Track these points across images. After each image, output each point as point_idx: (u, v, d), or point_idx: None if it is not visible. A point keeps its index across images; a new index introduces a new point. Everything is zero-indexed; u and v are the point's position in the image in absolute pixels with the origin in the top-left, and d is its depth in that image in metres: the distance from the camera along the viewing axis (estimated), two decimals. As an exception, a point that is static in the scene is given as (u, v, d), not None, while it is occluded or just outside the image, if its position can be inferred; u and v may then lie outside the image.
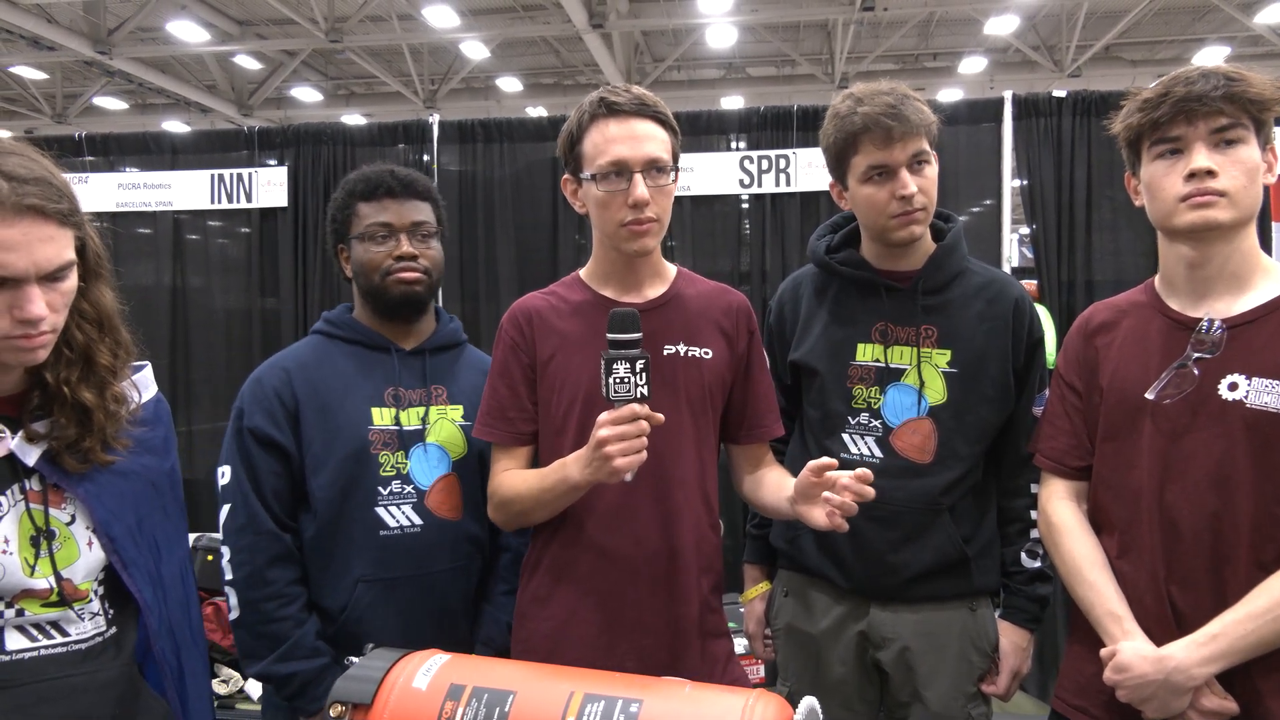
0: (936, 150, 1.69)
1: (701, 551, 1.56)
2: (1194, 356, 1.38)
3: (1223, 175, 1.33)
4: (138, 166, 4.37)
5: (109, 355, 1.26)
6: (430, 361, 1.77)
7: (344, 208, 1.75)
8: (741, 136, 3.99)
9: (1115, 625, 1.40)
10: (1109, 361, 1.49)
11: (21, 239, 1.09)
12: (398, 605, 1.65)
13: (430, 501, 1.68)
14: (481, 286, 4.14)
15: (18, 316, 1.10)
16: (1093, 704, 1.47)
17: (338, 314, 1.80)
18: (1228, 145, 1.35)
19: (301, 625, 1.61)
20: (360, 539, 1.64)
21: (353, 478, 1.64)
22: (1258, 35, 11.88)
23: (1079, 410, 1.54)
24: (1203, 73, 1.36)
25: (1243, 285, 1.39)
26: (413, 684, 1.08)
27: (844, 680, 1.76)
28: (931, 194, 1.67)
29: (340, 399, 1.67)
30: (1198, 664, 1.30)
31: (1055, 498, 1.56)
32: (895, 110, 1.61)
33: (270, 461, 1.64)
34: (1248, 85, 1.34)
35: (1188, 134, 1.36)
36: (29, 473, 1.19)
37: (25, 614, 1.17)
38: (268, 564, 1.60)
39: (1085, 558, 1.47)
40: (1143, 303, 1.50)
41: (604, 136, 1.48)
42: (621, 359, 1.30)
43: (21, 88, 14.26)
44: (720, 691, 1.07)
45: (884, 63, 13.25)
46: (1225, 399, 1.35)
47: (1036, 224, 3.75)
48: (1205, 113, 1.34)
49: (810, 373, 1.78)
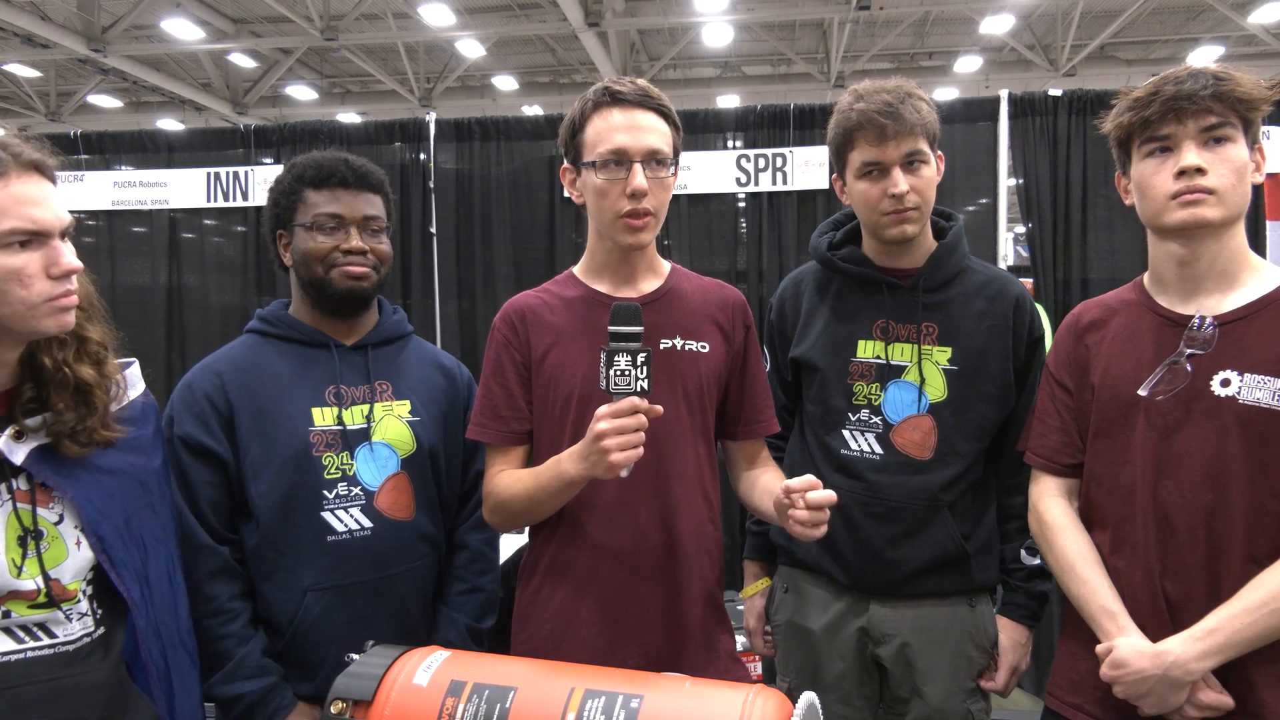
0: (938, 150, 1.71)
1: (701, 546, 1.56)
2: (1186, 353, 1.39)
3: (1212, 173, 1.35)
4: (133, 165, 4.37)
5: (99, 333, 1.27)
6: (373, 356, 1.68)
7: (290, 193, 1.65)
8: (738, 135, 3.99)
9: (1110, 621, 1.41)
10: (1100, 359, 1.50)
11: (40, 194, 1.12)
12: (350, 612, 1.58)
13: (380, 502, 1.61)
14: (478, 285, 4.14)
15: (55, 273, 1.12)
16: (1088, 700, 1.48)
17: (272, 311, 1.70)
18: (1217, 143, 1.36)
19: (245, 643, 1.52)
20: (307, 546, 1.55)
21: (295, 482, 1.55)
22: (1251, 35, 11.92)
23: (1069, 408, 1.55)
24: (1192, 73, 1.37)
25: (1232, 282, 1.41)
26: (413, 680, 1.08)
27: (843, 676, 1.76)
28: (927, 193, 1.68)
29: (278, 400, 1.59)
30: (1195, 659, 1.31)
31: (1047, 495, 1.56)
32: (891, 109, 1.62)
33: (204, 471, 1.54)
34: (1236, 85, 1.35)
35: (1177, 132, 1.37)
36: (16, 472, 1.18)
37: (12, 615, 1.16)
38: (206, 579, 1.51)
39: (1078, 554, 1.48)
40: (1132, 300, 1.51)
41: (606, 124, 1.48)
42: (623, 352, 1.29)
43: (15, 85, 14.21)
44: (721, 687, 1.07)
45: (879, 62, 13.27)
46: (1218, 395, 1.36)
47: (1032, 222, 3.76)
48: (1194, 111, 1.35)
49: (811, 369, 1.79)
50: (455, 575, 1.74)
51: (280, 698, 1.53)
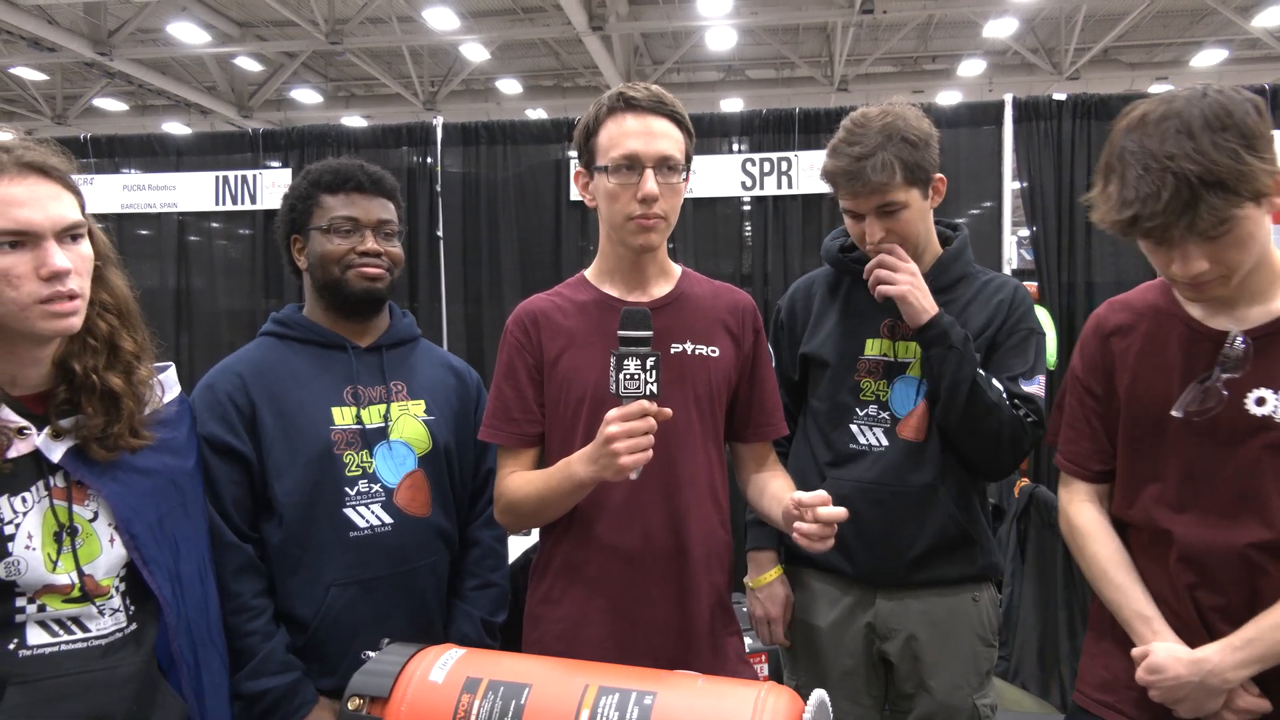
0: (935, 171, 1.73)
1: (711, 549, 1.57)
2: (1223, 377, 1.33)
3: (1214, 266, 1.25)
4: (142, 168, 4.40)
5: (132, 342, 1.29)
6: (387, 357, 1.72)
7: (306, 197, 1.68)
8: (743, 139, 4.02)
9: (1145, 626, 1.40)
10: (1126, 369, 1.47)
11: (31, 196, 1.14)
12: (373, 607, 1.61)
13: (399, 499, 1.65)
14: (484, 288, 4.15)
15: (44, 274, 1.14)
16: (1120, 700, 1.46)
17: (287, 314, 1.73)
18: (1216, 239, 1.22)
19: (270, 639, 1.54)
20: (330, 542, 1.59)
21: (319, 480, 1.58)
22: (1255, 38, 11.92)
23: (1099, 414, 1.52)
24: (1175, 180, 1.18)
25: (1263, 295, 1.34)
26: (429, 677, 1.09)
27: (851, 673, 1.78)
28: (907, 233, 1.71)
29: (299, 400, 1.61)
30: (1233, 668, 1.30)
31: (1077, 500, 1.55)
32: (854, 172, 1.65)
33: (228, 470, 1.57)
34: (1226, 193, 1.17)
35: (1169, 242, 1.25)
36: (53, 469, 1.21)
37: (47, 609, 1.19)
38: (232, 577, 1.53)
39: (1110, 559, 1.47)
40: (1161, 307, 1.46)
41: (620, 130, 1.50)
42: (633, 356, 1.31)
43: (21, 89, 14.26)
44: (733, 684, 1.09)
45: (883, 65, 13.30)
46: (1253, 414, 1.32)
47: (1037, 226, 3.78)
48: (1177, 235, 1.22)
49: (820, 365, 1.83)
50: (468, 571, 1.77)
51: (304, 693, 1.56)
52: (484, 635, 1.72)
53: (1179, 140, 1.19)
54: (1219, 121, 1.19)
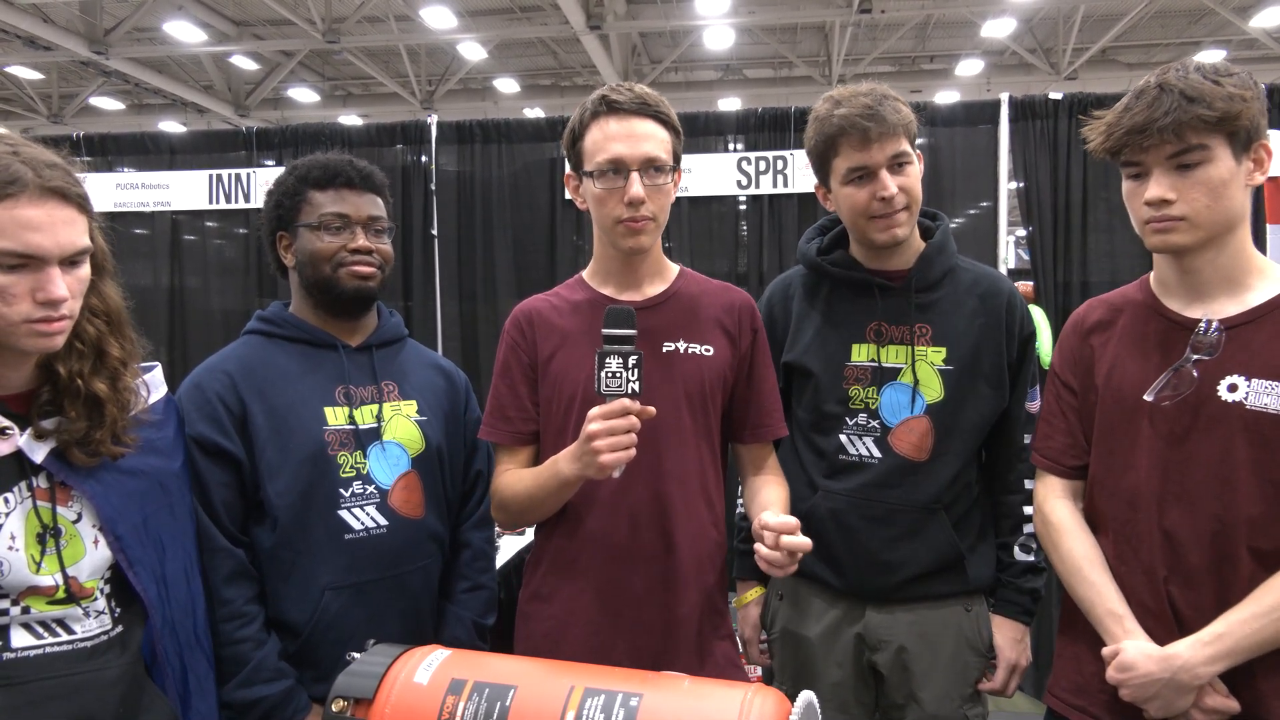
0: (922, 150, 1.70)
1: (702, 550, 1.56)
2: (1193, 359, 1.37)
3: (1180, 200, 1.32)
4: (135, 167, 4.38)
5: (119, 349, 1.28)
6: (378, 357, 1.69)
7: (293, 193, 1.64)
8: (739, 138, 4.00)
9: (1116, 624, 1.40)
10: (1105, 360, 1.49)
11: (47, 220, 1.12)
12: (368, 610, 1.58)
13: (393, 500, 1.62)
14: (479, 287, 4.15)
15: (41, 299, 1.13)
16: (1092, 703, 1.47)
17: (274, 312, 1.68)
18: (1187, 168, 1.32)
19: (262, 646, 1.50)
20: (325, 545, 1.55)
21: (312, 481, 1.55)
22: (1253, 39, 11.93)
23: (1075, 409, 1.54)
24: (1163, 88, 1.32)
25: (1238, 286, 1.38)
26: (414, 679, 1.08)
27: (840, 684, 1.75)
28: (915, 193, 1.67)
29: (290, 400, 1.57)
30: (1203, 663, 1.30)
31: (1052, 496, 1.55)
32: (872, 111, 1.61)
33: (218, 472, 1.52)
34: (1206, 106, 1.29)
35: (1145, 160, 1.34)
36: (36, 470, 1.20)
37: (31, 611, 1.18)
38: (223, 582, 1.49)
39: (1084, 557, 1.47)
40: (1139, 301, 1.49)
41: (604, 134, 1.49)
42: (615, 354, 1.31)
43: (17, 88, 14.25)
44: (720, 685, 1.08)
45: (881, 65, 13.29)
46: (1225, 400, 1.34)
47: (1033, 226, 3.77)
48: (1158, 141, 1.31)
49: (804, 374, 1.77)
50: (460, 573, 1.75)
51: (297, 700, 1.52)
52: (475, 637, 1.71)
53: (1173, 73, 1.34)
54: (1213, 70, 1.33)
